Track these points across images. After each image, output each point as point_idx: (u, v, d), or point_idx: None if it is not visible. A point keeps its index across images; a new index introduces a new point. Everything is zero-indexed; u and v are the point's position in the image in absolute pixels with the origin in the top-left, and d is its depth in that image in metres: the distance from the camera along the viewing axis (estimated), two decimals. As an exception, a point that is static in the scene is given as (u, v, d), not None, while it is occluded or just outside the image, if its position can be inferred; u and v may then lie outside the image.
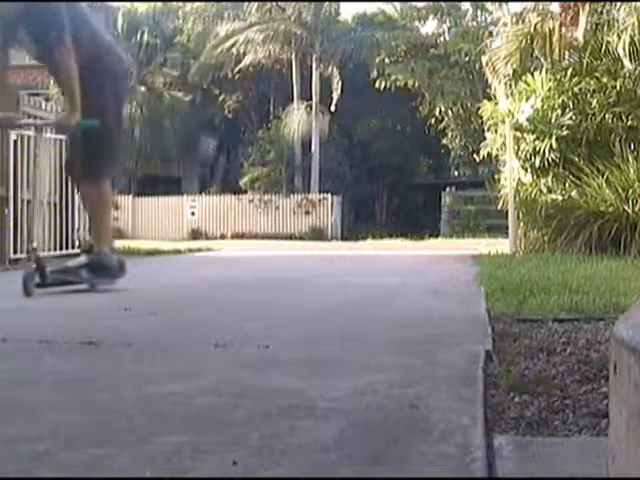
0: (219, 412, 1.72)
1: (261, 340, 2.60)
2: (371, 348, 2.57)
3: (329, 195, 24.76)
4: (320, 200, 24.61)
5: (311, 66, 26.01)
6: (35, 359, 2.37)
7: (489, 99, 10.55)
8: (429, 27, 25.39)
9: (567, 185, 8.67)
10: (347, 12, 37.08)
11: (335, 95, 24.83)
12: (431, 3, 24.77)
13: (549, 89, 8.98)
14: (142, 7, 28.31)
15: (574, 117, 8.73)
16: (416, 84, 23.27)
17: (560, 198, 8.73)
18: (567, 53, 9.74)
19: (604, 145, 8.72)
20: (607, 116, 8.70)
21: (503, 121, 9.37)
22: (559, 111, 8.80)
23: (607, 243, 7.86)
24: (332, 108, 24.95)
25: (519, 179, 9.18)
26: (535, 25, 10.08)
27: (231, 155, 28.65)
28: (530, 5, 11.77)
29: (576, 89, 8.93)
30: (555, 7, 10.28)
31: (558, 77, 9.09)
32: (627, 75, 9.01)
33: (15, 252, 7.56)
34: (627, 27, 9.14)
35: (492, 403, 1.83)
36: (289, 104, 25.99)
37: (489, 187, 14.02)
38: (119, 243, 11.19)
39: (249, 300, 4.22)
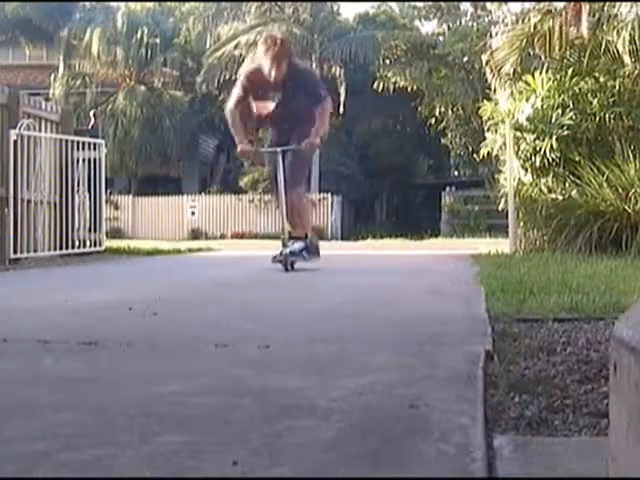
0: (219, 412, 1.72)
1: (261, 340, 2.60)
2: (371, 348, 2.57)
3: (329, 195, 24.75)
4: (320, 200, 24.59)
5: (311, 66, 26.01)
6: (35, 359, 2.36)
7: (489, 99, 10.54)
8: (429, 27, 25.43)
9: (567, 185, 8.65)
10: (349, 11, 37.10)
11: (341, 98, 24.71)
12: (431, 3, 24.78)
13: (549, 89, 8.97)
14: (141, 7, 28.29)
15: (574, 117, 8.71)
16: (415, 85, 23.26)
17: (560, 198, 8.71)
18: (567, 52, 9.73)
19: (604, 145, 8.71)
20: (607, 116, 8.68)
21: (503, 121, 9.35)
22: (559, 111, 8.79)
23: (607, 243, 7.85)
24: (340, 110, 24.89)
25: (519, 179, 9.17)
26: (535, 24, 10.08)
27: (231, 155, 28.63)
28: (530, 5, 11.76)
29: (576, 89, 8.91)
30: (557, 5, 10.27)
31: (558, 77, 9.07)
32: (627, 75, 9.01)
33: (15, 252, 7.57)
34: (627, 24, 9.13)
35: (492, 403, 1.83)
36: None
37: (489, 187, 14.01)
38: (119, 243, 11.22)
39: (249, 300, 4.22)
